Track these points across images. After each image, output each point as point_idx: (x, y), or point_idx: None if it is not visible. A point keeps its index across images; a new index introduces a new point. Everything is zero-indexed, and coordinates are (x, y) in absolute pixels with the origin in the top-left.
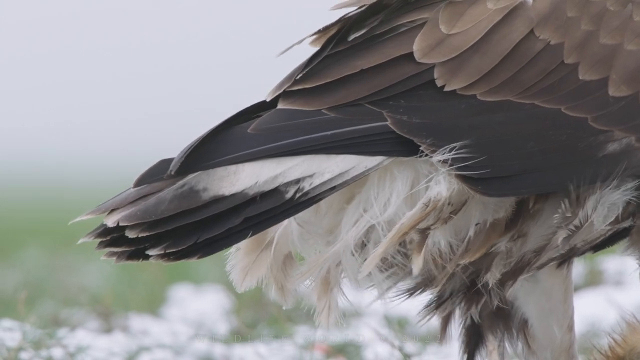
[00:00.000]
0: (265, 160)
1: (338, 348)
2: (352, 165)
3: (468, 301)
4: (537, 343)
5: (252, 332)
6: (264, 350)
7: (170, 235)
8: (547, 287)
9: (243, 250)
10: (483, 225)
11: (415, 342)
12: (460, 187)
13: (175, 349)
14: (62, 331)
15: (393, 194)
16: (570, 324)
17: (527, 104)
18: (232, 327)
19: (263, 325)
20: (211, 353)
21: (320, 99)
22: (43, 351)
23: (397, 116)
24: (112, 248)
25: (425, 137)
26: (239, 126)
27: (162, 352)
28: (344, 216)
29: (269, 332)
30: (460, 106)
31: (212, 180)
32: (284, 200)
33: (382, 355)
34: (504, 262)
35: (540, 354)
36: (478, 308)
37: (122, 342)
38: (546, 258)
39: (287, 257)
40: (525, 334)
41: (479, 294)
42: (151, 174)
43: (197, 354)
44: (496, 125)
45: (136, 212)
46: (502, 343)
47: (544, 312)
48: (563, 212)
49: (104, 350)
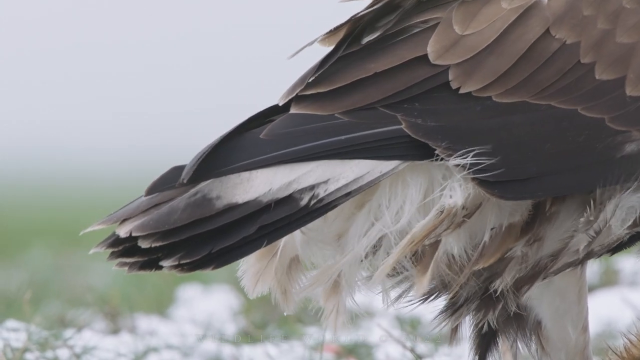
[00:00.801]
0: (279, 166)
1: (348, 349)
2: (367, 170)
3: (484, 307)
4: (551, 344)
5: (262, 332)
6: (273, 351)
7: (183, 245)
8: (561, 287)
9: (254, 256)
10: (499, 229)
11: (427, 343)
12: (476, 191)
13: (183, 350)
14: (68, 332)
15: (406, 202)
16: (585, 325)
17: (543, 105)
18: (241, 327)
19: (272, 325)
20: (220, 354)
21: (333, 103)
22: (49, 352)
23: (411, 119)
24: (124, 259)
25: (441, 140)
26: (251, 132)
27: (169, 353)
28: (353, 224)
29: (279, 332)
30: (476, 108)
31: (225, 187)
32: (298, 208)
33: (394, 356)
34: (518, 266)
35: (554, 355)
36: (495, 314)
37: (129, 343)
38: (562, 263)
39: (293, 261)
40: (539, 335)
41: (495, 300)
42: (163, 182)
43: (205, 355)
44: (512, 127)
45: (148, 221)
46: (515, 344)
47: (558, 313)
48: (587, 215)
49: (110, 352)
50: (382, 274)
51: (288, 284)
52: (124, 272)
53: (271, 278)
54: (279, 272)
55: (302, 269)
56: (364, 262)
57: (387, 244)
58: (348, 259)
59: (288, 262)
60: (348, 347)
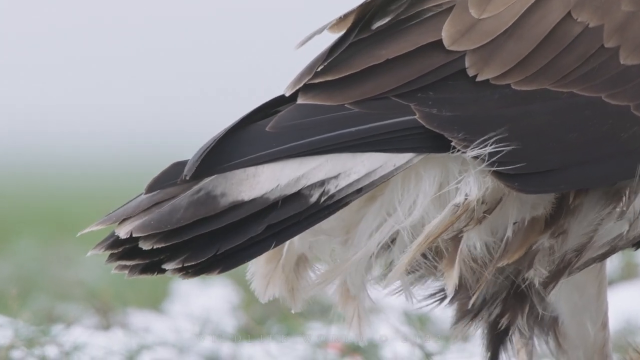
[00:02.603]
0: (286, 160)
1: (354, 346)
2: (379, 164)
3: (511, 309)
4: (569, 341)
5: (262, 329)
6: (274, 349)
7: (187, 247)
8: (580, 281)
9: (264, 257)
10: (521, 223)
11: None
12: (494, 185)
13: (179, 347)
14: (57, 328)
15: (419, 195)
16: (605, 321)
17: (565, 92)
18: (240, 324)
19: (273, 321)
20: (217, 352)
21: (343, 93)
22: (36, 349)
23: (426, 109)
24: (124, 261)
25: (457, 131)
26: (256, 124)
27: (164, 350)
28: (364, 220)
29: (280, 329)
30: (494, 97)
31: (230, 184)
32: (308, 205)
33: (402, 354)
34: (547, 259)
35: (572, 353)
36: (524, 317)
37: (121, 340)
38: (587, 257)
39: (301, 258)
40: (555, 331)
41: (522, 300)
42: (164, 178)
43: (202, 353)
44: (532, 116)
45: (150, 221)
46: (530, 341)
47: (576, 309)
48: (614, 206)
49: (101, 349)
50: (398, 272)
51: (295, 281)
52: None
53: (279, 275)
54: (286, 270)
55: (310, 267)
56: (374, 260)
57: (401, 241)
58: (359, 256)
59: (295, 260)
60: (353, 345)
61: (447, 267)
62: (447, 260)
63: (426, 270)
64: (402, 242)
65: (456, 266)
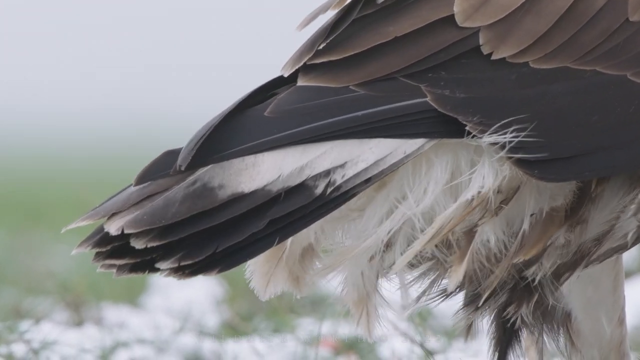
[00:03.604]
0: (288, 148)
1: (348, 344)
2: (388, 151)
3: (516, 300)
4: (583, 339)
5: (248, 325)
6: (261, 347)
7: (183, 244)
8: (594, 273)
9: (263, 254)
10: (539, 215)
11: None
12: (512, 173)
13: (158, 344)
14: (25, 324)
15: (430, 182)
16: (621, 317)
17: (587, 70)
18: (224, 319)
19: (260, 317)
20: (199, 350)
21: (348, 74)
22: (2, 347)
23: (438, 91)
24: (112, 260)
25: (472, 114)
26: (254, 109)
27: (141, 348)
28: (372, 207)
29: (268, 325)
30: (511, 77)
31: (228, 174)
32: (313, 197)
33: (401, 353)
34: (559, 252)
35: (586, 352)
36: (530, 307)
37: (95, 336)
38: (607, 248)
39: (307, 250)
40: (568, 328)
41: (530, 290)
42: (155, 168)
43: (182, 351)
44: (553, 97)
45: (142, 216)
46: (540, 338)
47: (590, 303)
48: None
49: (73, 347)
50: (402, 263)
51: (301, 271)
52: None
53: (282, 268)
54: (289, 262)
55: (317, 257)
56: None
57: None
58: (369, 243)
59: (300, 251)
60: (348, 342)
61: (456, 262)
62: (458, 256)
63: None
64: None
65: (465, 263)
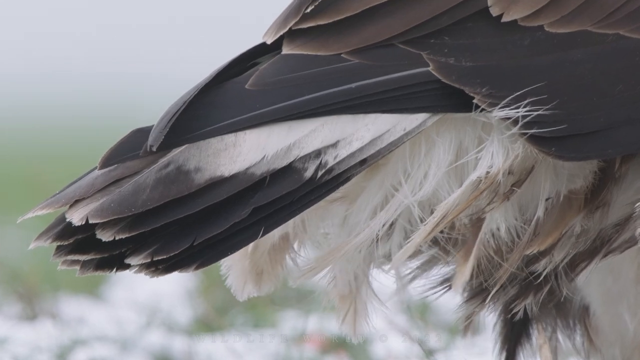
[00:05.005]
0: (273, 125)
1: (337, 342)
2: (386, 127)
3: (527, 293)
4: (602, 336)
5: (224, 320)
6: (238, 345)
7: (156, 236)
8: (615, 262)
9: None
10: (555, 199)
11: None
12: (526, 151)
13: (121, 342)
14: None
15: (432, 164)
16: None
17: (610, 34)
18: (197, 313)
19: (238, 310)
20: (169, 348)
21: (339, 40)
22: None
23: (441, 59)
24: (76, 255)
25: (480, 85)
26: (233, 81)
27: (103, 346)
28: (365, 195)
29: (246, 320)
30: (524, 42)
31: (205, 156)
32: (302, 182)
33: (397, 351)
34: (574, 241)
35: (606, 351)
36: (537, 298)
37: (50, 332)
38: (629, 234)
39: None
40: (585, 324)
41: (541, 283)
42: (123, 149)
43: (150, 349)
44: (572, 65)
45: (109, 204)
46: (554, 335)
47: (610, 296)
48: None
49: (26, 344)
50: (401, 258)
51: (268, 265)
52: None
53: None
54: (258, 251)
55: (290, 251)
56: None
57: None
58: (361, 238)
59: (273, 241)
60: (337, 340)
61: (461, 260)
62: (463, 252)
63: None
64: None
65: (471, 259)
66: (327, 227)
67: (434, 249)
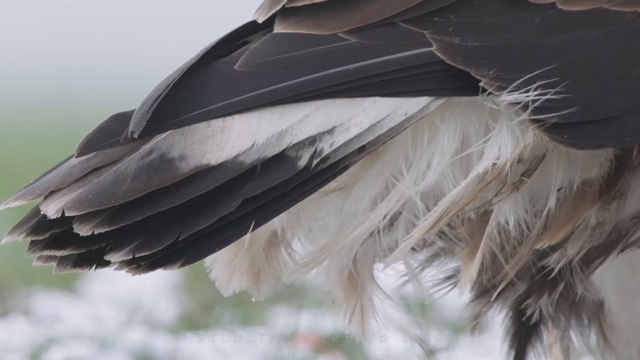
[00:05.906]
0: (264, 110)
1: (332, 341)
2: (386, 112)
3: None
4: (618, 334)
5: (210, 317)
6: (225, 344)
7: (138, 231)
8: (632, 255)
9: None
10: (568, 190)
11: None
12: (537, 139)
13: (100, 340)
14: None
15: (435, 153)
16: None
17: (628, 13)
18: (181, 310)
19: (225, 307)
20: (151, 347)
21: (336, 18)
22: None
23: (445, 38)
24: (52, 251)
25: (487, 67)
26: (220, 61)
27: (80, 345)
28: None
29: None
30: (534, 21)
31: (190, 142)
32: (296, 171)
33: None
34: (589, 234)
35: (622, 350)
36: (552, 298)
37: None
38: None
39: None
40: (600, 321)
41: (554, 279)
42: (102, 136)
43: (130, 349)
44: (586, 46)
45: (87, 195)
46: (566, 334)
47: (627, 291)
48: None
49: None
50: (402, 253)
51: (264, 264)
52: None
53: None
54: (253, 248)
55: (286, 246)
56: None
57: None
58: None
59: (268, 236)
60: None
61: (467, 258)
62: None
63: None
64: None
65: (478, 257)
66: (323, 220)
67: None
